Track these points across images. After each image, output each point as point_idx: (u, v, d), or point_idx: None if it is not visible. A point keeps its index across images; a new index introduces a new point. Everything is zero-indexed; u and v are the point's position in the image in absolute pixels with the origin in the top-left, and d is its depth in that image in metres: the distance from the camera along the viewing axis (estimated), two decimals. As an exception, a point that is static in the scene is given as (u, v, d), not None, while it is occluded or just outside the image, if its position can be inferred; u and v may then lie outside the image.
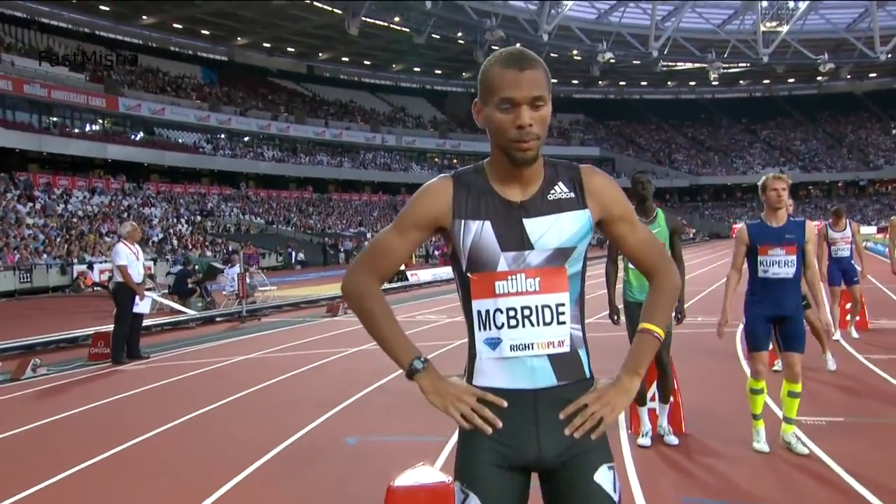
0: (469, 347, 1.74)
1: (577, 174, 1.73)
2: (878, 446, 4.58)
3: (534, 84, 1.61)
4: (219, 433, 5.47)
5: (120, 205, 35.44)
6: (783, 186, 4.43)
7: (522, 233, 1.67)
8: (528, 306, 1.66)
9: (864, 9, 57.42)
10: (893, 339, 8.49)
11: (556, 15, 51.36)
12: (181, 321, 12.84)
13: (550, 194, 1.70)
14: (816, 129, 72.81)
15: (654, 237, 1.84)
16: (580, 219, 1.69)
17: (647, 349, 1.75)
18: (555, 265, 1.67)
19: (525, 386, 1.67)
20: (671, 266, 1.82)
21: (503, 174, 1.70)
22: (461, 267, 1.72)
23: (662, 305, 1.79)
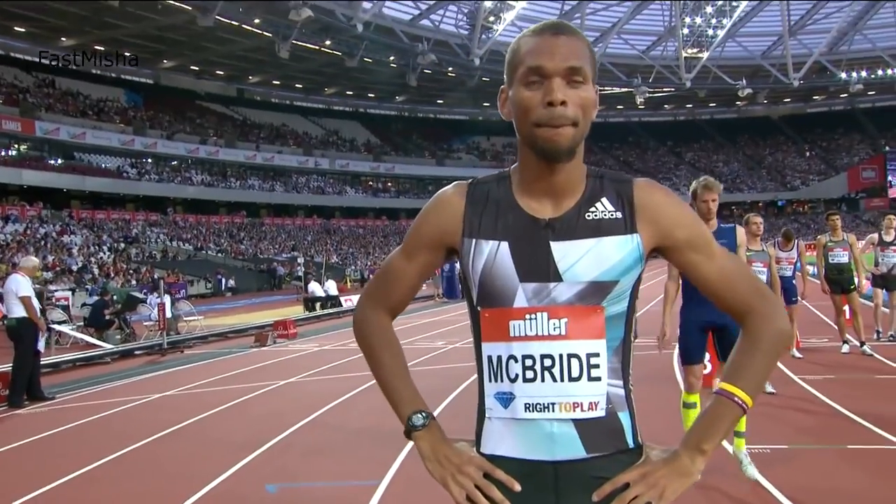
0: (479, 402, 1.39)
1: (628, 189, 1.34)
2: (823, 474, 4.45)
3: (571, 53, 1.25)
4: (123, 485, 4.93)
5: (36, 233, 33.67)
6: (713, 198, 4.31)
7: (548, 259, 1.29)
8: (550, 355, 1.28)
9: (778, 37, 60.31)
10: (826, 358, 8.56)
11: (488, 40, 51.99)
12: (95, 356, 12.01)
13: (590, 212, 1.31)
14: (737, 151, 75.74)
15: (744, 266, 1.41)
16: (626, 246, 1.30)
17: (724, 420, 1.29)
18: (588, 303, 1.29)
19: (543, 457, 1.29)
20: (774, 304, 1.35)
21: (531, 183, 1.33)
22: (472, 298, 1.36)
23: (757, 361, 1.31)
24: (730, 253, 1.42)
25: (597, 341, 1.29)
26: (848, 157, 71.02)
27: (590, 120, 1.29)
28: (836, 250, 8.65)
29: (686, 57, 59.02)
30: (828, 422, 5.67)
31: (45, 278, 26.59)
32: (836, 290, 8.64)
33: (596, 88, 1.32)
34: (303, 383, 8.71)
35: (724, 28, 56.79)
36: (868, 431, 5.25)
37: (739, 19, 57.43)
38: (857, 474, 4.42)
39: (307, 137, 59.96)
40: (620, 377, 1.33)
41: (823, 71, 62.45)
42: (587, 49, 1.29)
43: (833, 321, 10.48)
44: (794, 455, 4.84)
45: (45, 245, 32.30)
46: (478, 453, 1.36)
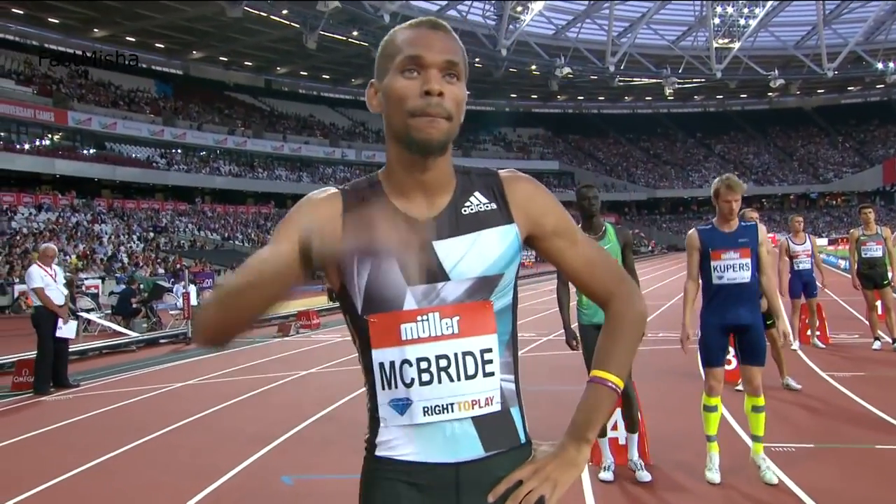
0: (370, 412, 1.33)
1: (497, 181, 1.35)
2: (849, 474, 4.31)
3: (448, 48, 1.26)
4: (140, 476, 4.96)
5: (68, 221, 34.25)
6: (736, 198, 4.20)
7: (433, 259, 1.26)
8: (445, 355, 1.25)
9: (812, 27, 59.05)
10: (854, 354, 8.35)
11: (515, 30, 51.63)
12: (121, 344, 12.18)
13: (466, 207, 1.30)
14: (768, 143, 74.46)
15: (604, 252, 1.44)
16: (506, 236, 1.30)
17: (602, 405, 1.33)
18: (478, 299, 1.27)
19: (444, 459, 1.27)
20: (632, 290, 1.40)
21: (403, 183, 1.30)
22: (355, 308, 1.28)
23: (622, 344, 1.35)
24: (591, 240, 1.44)
25: (489, 336, 1.28)
26: (883, 148, 69.42)
27: (461, 117, 1.28)
28: (869, 244, 8.41)
29: (717, 47, 58.07)
30: (856, 420, 5.51)
31: (77, 266, 27.06)
32: (868, 285, 8.41)
33: (465, 83, 1.30)
34: (323, 374, 8.72)
35: (757, 18, 55.76)
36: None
37: (772, 9, 56.32)
38: (886, 476, 4.28)
39: (334, 128, 60.17)
40: (512, 371, 1.32)
41: (859, 61, 61.02)
42: (462, 50, 1.29)
43: (864, 316, 10.25)
44: (819, 454, 4.70)
45: (77, 234, 32.82)
46: (373, 459, 1.32)
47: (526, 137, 71.07)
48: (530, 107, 72.02)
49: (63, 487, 4.70)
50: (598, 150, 74.46)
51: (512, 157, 65.07)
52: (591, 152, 73.77)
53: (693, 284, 4.34)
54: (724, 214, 4.22)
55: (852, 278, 8.73)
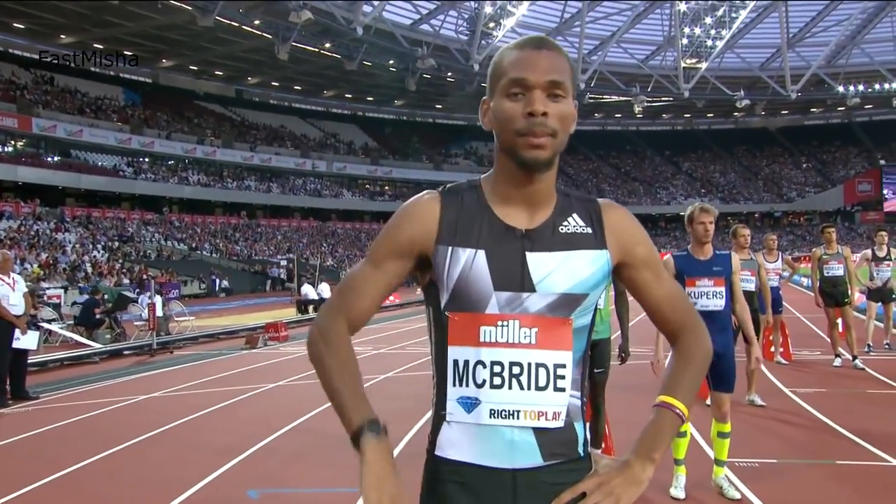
0: (435, 407, 1.36)
1: (595, 207, 1.41)
2: (811, 489, 4.41)
3: (553, 67, 1.29)
4: (103, 489, 4.86)
5: (30, 230, 33.52)
6: (710, 220, 4.32)
7: (524, 269, 1.31)
8: (519, 363, 1.30)
9: (776, 49, 60.50)
10: (816, 371, 8.53)
11: (487, 46, 52.02)
12: (83, 355, 11.91)
13: (563, 226, 1.36)
14: (734, 161, 75.85)
15: (682, 291, 1.52)
16: (597, 261, 1.35)
17: (667, 429, 1.37)
18: (559, 315, 1.32)
19: (502, 464, 1.30)
20: (703, 327, 1.48)
21: (505, 193, 1.36)
22: (439, 303, 1.35)
23: (690, 376, 1.42)
24: (671, 278, 1.50)
25: (564, 352, 1.32)
26: (844, 169, 71.21)
27: (568, 133, 1.33)
28: (830, 263, 8.61)
29: (685, 67, 59.12)
30: (817, 436, 5.63)
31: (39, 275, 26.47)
32: (829, 303, 8.61)
33: (575, 104, 1.35)
34: (290, 387, 8.64)
35: (723, 39, 56.93)
36: (857, 447, 5.21)
37: (738, 30, 57.59)
38: (846, 491, 4.38)
39: (305, 139, 59.91)
40: (580, 388, 1.37)
41: (821, 83, 62.60)
42: (568, 65, 1.33)
43: (826, 334, 10.47)
44: (782, 470, 4.80)
45: (39, 242, 32.14)
46: (432, 459, 1.36)
47: (497, 152, 71.49)
48: (502, 122, 72.49)
49: (26, 500, 4.59)
50: (569, 165, 75.16)
51: (483, 170, 64.86)
52: (561, 168, 74.10)
53: None
54: (699, 237, 4.31)
55: (815, 296, 8.92)
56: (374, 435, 1.28)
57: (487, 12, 49.68)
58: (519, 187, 1.34)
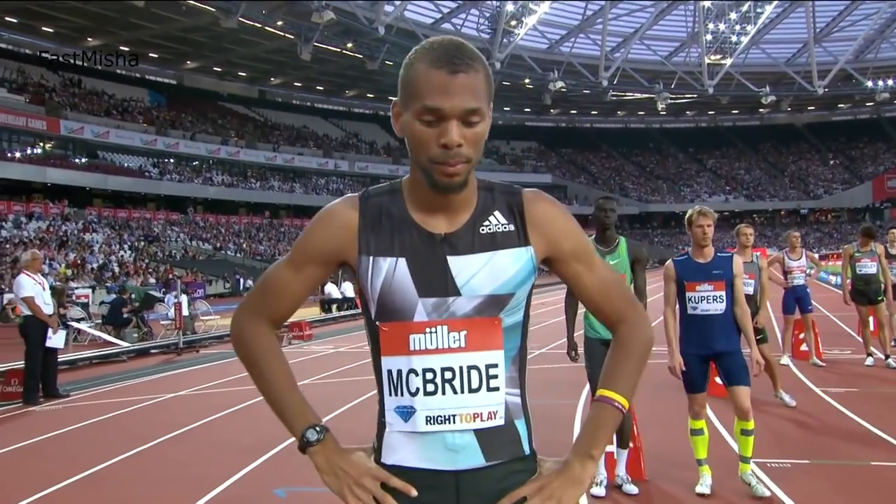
0: (378, 415, 1.38)
1: (518, 201, 1.37)
2: (844, 491, 4.31)
3: (468, 93, 1.23)
4: (130, 487, 4.90)
5: (59, 230, 34.06)
6: (709, 223, 4.30)
7: (446, 274, 1.30)
8: (451, 367, 1.30)
9: (803, 44, 59.64)
10: (847, 370, 8.37)
11: (509, 44, 51.90)
12: (111, 354, 12.06)
13: (484, 226, 1.34)
14: (759, 159, 74.94)
15: (617, 277, 1.48)
16: (520, 258, 1.33)
17: (607, 424, 1.36)
18: (487, 315, 1.31)
19: (444, 466, 1.31)
20: (641, 315, 1.45)
21: (425, 199, 1.33)
22: (370, 313, 1.36)
23: (629, 366, 1.40)
24: (606, 264, 1.47)
25: (495, 352, 1.32)
26: (873, 166, 70.00)
27: (482, 150, 1.31)
28: (863, 260, 8.41)
29: (709, 63, 58.52)
30: (850, 437, 5.52)
31: (67, 275, 26.89)
32: (862, 301, 8.41)
33: (489, 107, 1.29)
34: (315, 386, 8.67)
35: (748, 35, 56.28)
36: (892, 448, 5.09)
37: (764, 26, 56.87)
38: (879, 494, 4.28)
39: (327, 139, 60.21)
40: (517, 385, 1.36)
41: (849, 79, 61.63)
42: (485, 81, 1.27)
43: (857, 332, 10.29)
44: (814, 470, 4.70)
45: (67, 243, 32.65)
46: (378, 464, 1.36)
47: (519, 150, 71.30)
48: (524, 120, 72.31)
49: (53, 499, 4.64)
50: (591, 163, 74.77)
51: (505, 169, 65.22)
52: (584, 166, 74.05)
53: (671, 312, 4.44)
54: (698, 240, 4.29)
55: (843, 294, 8.76)
56: (317, 438, 1.35)
57: (509, 10, 49.52)
58: (437, 196, 1.31)
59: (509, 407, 1.33)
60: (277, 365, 1.41)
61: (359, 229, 1.34)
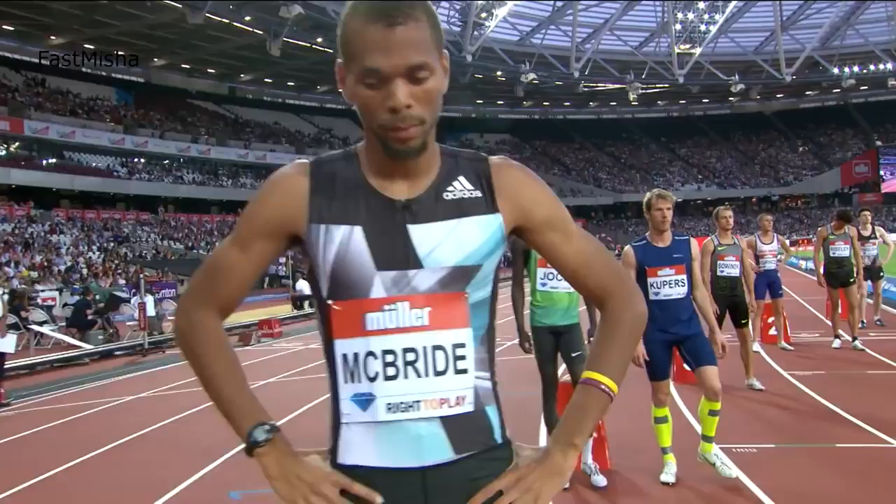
0: (331, 409, 1.23)
1: (485, 167, 1.25)
2: (811, 474, 4.27)
3: (410, 47, 1.09)
4: (79, 495, 4.73)
5: (24, 232, 33.34)
6: (668, 206, 4.21)
7: (407, 244, 1.17)
8: (413, 348, 1.16)
9: (770, 32, 60.25)
10: (814, 353, 8.39)
11: (480, 36, 51.78)
12: (73, 357, 11.78)
13: (448, 192, 1.21)
14: (731, 147, 75.67)
15: (602, 248, 1.34)
16: (488, 226, 1.20)
17: (593, 410, 1.23)
18: (452, 290, 1.18)
19: (409, 463, 1.16)
20: (631, 289, 1.32)
21: (382, 164, 1.20)
22: (321, 292, 1.21)
23: (619, 346, 1.27)
24: (588, 235, 1.34)
25: (462, 330, 1.19)
26: (841, 152, 71.05)
27: (438, 108, 1.17)
28: (837, 243, 8.41)
29: (679, 53, 58.90)
30: (817, 420, 5.49)
31: (32, 278, 26.32)
32: (834, 283, 8.39)
33: (445, 58, 1.17)
34: (282, 384, 8.51)
35: (717, 24, 56.71)
36: (858, 430, 5.07)
37: (732, 15, 57.34)
38: (846, 475, 4.25)
39: (300, 135, 59.68)
40: (487, 368, 1.23)
41: (816, 66, 62.37)
42: (430, 29, 1.13)
43: (826, 316, 10.37)
44: (781, 455, 4.66)
45: (34, 245, 31.98)
46: (334, 467, 1.21)
47: (493, 143, 71.21)
48: (497, 113, 72.22)
49: (-4, 509, 4.45)
50: (565, 155, 74.98)
51: (479, 163, 65.13)
52: (558, 158, 74.24)
53: None
54: (657, 225, 4.20)
55: (817, 276, 8.76)
56: (266, 438, 1.20)
57: (479, 3, 49.38)
58: (394, 161, 1.18)
59: (479, 392, 1.20)
60: (223, 357, 1.26)
61: (309, 195, 1.20)
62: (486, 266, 1.20)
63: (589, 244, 1.29)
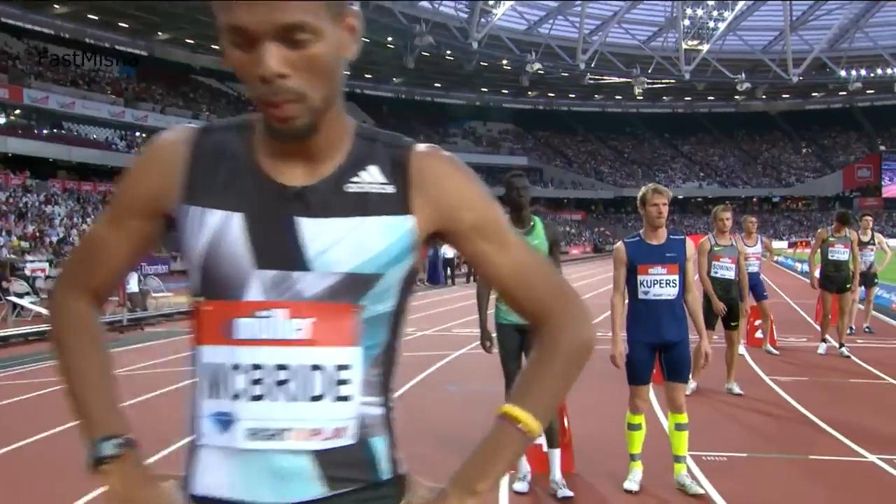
0: (189, 426, 1.04)
1: (405, 156, 1.03)
2: (780, 486, 4.12)
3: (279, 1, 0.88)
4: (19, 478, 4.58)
5: (19, 202, 33.14)
6: (664, 202, 3.99)
7: (294, 241, 0.97)
8: (287, 365, 0.96)
9: (779, 32, 59.82)
10: (799, 358, 8.25)
11: (486, 24, 51.36)
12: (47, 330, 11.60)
13: (352, 183, 1.00)
14: (734, 145, 75.36)
15: (542, 261, 1.12)
16: (396, 230, 1.00)
17: (504, 452, 1.01)
18: (343, 300, 0.97)
19: (269, 499, 0.96)
20: (576, 309, 1.08)
21: (274, 141, 1.00)
22: (192, 287, 1.03)
23: (549, 377, 1.04)
24: (529, 245, 1.12)
25: (349, 349, 0.98)
26: (844, 155, 70.77)
27: (333, 80, 0.96)
28: (836, 246, 8.16)
29: (686, 49, 58.51)
30: (793, 428, 5.35)
31: (22, 248, 26.16)
32: (829, 287, 8.17)
33: (350, 15, 0.96)
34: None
35: (726, 21, 56.29)
36: (833, 441, 4.93)
37: (741, 13, 56.91)
38: (816, 487, 4.11)
39: (302, 116, 59.37)
40: (380, 393, 1.03)
41: (823, 68, 62.02)
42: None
43: (815, 320, 10.22)
44: (751, 464, 4.51)
45: (28, 215, 31.79)
46: (188, 496, 1.02)
47: (496, 132, 70.86)
48: (501, 101, 71.82)
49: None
50: (568, 147, 74.65)
51: (481, 151, 64.88)
52: (560, 149, 73.92)
53: (619, 298, 4.16)
54: (652, 221, 4.00)
55: (811, 279, 8.58)
56: (114, 454, 1.01)
57: (487, -11, 48.93)
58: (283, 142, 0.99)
59: (365, 421, 1.00)
60: (88, 349, 1.07)
61: (186, 169, 1.01)
62: (388, 276, 1.00)
63: (527, 255, 1.08)
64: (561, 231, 4.03)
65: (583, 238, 60.05)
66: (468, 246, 1.06)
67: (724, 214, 6.47)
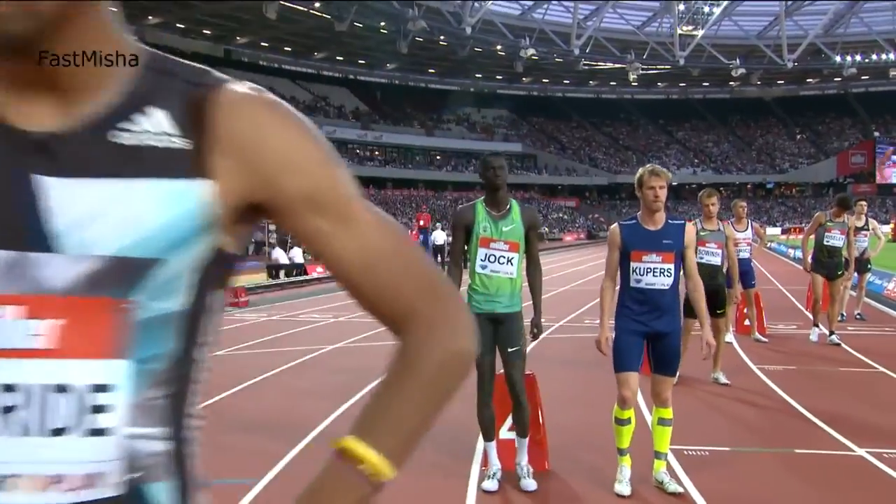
0: None
1: (209, 98, 0.73)
2: (762, 482, 3.97)
3: None
4: None
5: None
6: (661, 184, 3.72)
7: (33, 210, 0.68)
8: (15, 385, 0.67)
9: (774, 17, 59.49)
10: (788, 347, 8.11)
11: (480, 8, 50.91)
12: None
13: (124, 129, 0.70)
14: (728, 132, 75.17)
15: (408, 245, 0.82)
16: (182, 199, 0.70)
17: (336, 496, 0.72)
18: (103, 294, 0.68)
19: None
20: (451, 309, 0.81)
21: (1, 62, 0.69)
22: None
23: (407, 401, 0.76)
24: (387, 221, 0.82)
25: (109, 363, 0.69)
26: (838, 141, 70.66)
27: None
28: (833, 230, 7.97)
29: (681, 34, 58.16)
30: (778, 420, 5.20)
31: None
32: (821, 272, 7.98)
33: None
34: (230, 357, 8.15)
35: (720, 6, 55.94)
36: (820, 433, 4.79)
37: (736, -3, 56.56)
38: (800, 483, 3.96)
39: (294, 102, 58.42)
40: (163, 423, 0.74)
41: (818, 53, 61.77)
42: None
43: (806, 307, 10.10)
44: (733, 459, 4.36)
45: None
46: None
47: (490, 118, 70.52)
48: (495, 88, 71.41)
49: None
50: (562, 133, 74.37)
51: (475, 137, 64.58)
52: (555, 135, 73.62)
53: (610, 283, 3.92)
54: (649, 204, 3.74)
55: (804, 262, 8.39)
56: None
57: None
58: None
59: (139, 462, 0.71)
60: None
61: None
62: (173, 263, 0.71)
63: (385, 236, 0.79)
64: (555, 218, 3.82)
65: (577, 225, 59.89)
66: (299, 224, 0.77)
67: (710, 199, 6.29)
